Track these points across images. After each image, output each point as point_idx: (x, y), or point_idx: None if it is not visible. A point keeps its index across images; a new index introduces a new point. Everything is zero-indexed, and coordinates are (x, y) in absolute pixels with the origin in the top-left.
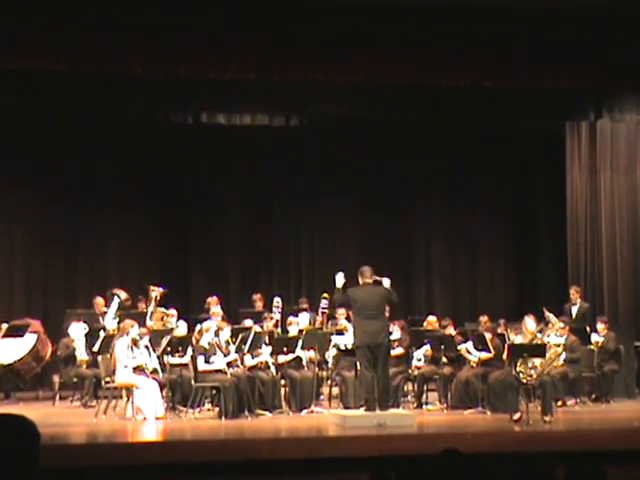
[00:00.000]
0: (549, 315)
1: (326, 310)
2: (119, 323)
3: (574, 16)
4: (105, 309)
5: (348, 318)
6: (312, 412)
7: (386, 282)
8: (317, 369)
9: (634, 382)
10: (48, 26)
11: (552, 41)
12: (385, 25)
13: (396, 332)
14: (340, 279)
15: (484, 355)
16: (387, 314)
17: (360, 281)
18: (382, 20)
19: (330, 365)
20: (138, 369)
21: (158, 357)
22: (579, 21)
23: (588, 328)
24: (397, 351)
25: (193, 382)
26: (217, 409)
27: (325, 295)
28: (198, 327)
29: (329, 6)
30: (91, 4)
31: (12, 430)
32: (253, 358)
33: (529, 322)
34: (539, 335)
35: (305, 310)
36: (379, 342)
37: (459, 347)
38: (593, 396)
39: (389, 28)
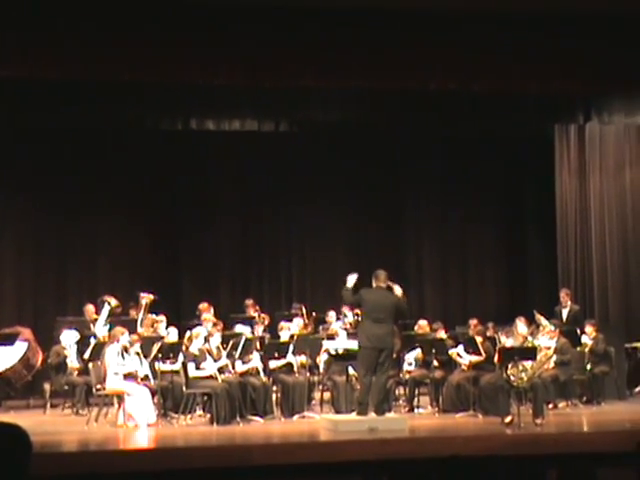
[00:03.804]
0: (539, 318)
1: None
2: (110, 330)
3: (562, 19)
4: (96, 316)
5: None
6: (304, 417)
7: (398, 290)
8: (308, 374)
9: (625, 384)
10: (37, 33)
11: (540, 44)
12: (373, 30)
13: None
14: (352, 280)
15: (475, 358)
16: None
17: (374, 284)
18: (370, 25)
19: (321, 370)
20: (129, 376)
21: (149, 364)
22: (567, 24)
23: (579, 330)
24: None
25: (184, 388)
26: (208, 415)
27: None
28: (188, 334)
29: (317, 12)
30: (80, 11)
31: (5, 439)
32: (244, 364)
33: (520, 325)
34: (530, 338)
35: (297, 316)
36: (383, 346)
37: (450, 352)
38: (584, 398)
39: (377, 33)
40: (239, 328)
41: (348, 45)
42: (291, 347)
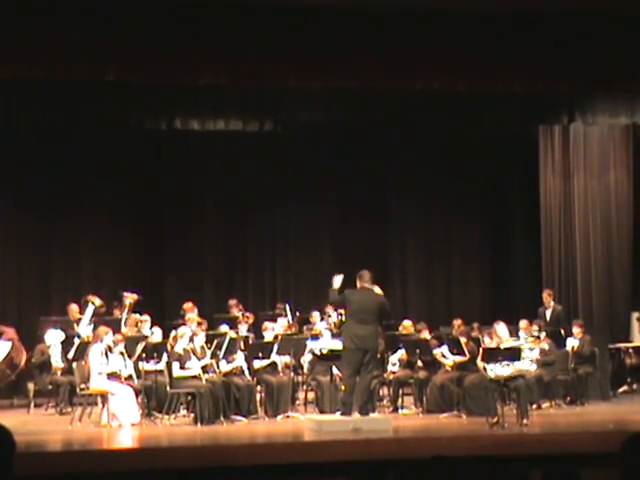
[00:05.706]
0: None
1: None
2: (94, 330)
3: (547, 20)
4: (79, 316)
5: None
6: (288, 417)
7: (377, 290)
8: (292, 374)
9: (608, 384)
10: (20, 33)
11: (525, 45)
12: (357, 30)
13: None
14: (338, 281)
15: (459, 358)
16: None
17: (358, 284)
18: (354, 25)
19: (305, 370)
20: (113, 376)
21: (133, 363)
22: (552, 25)
23: (562, 331)
24: None
25: (168, 388)
26: (192, 415)
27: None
28: (173, 333)
29: (301, 12)
30: (64, 9)
31: None
32: (228, 364)
33: (499, 328)
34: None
35: (281, 316)
36: (367, 347)
37: (434, 352)
38: (568, 399)
39: (361, 33)
40: (225, 328)
41: (332, 45)
42: (275, 347)
